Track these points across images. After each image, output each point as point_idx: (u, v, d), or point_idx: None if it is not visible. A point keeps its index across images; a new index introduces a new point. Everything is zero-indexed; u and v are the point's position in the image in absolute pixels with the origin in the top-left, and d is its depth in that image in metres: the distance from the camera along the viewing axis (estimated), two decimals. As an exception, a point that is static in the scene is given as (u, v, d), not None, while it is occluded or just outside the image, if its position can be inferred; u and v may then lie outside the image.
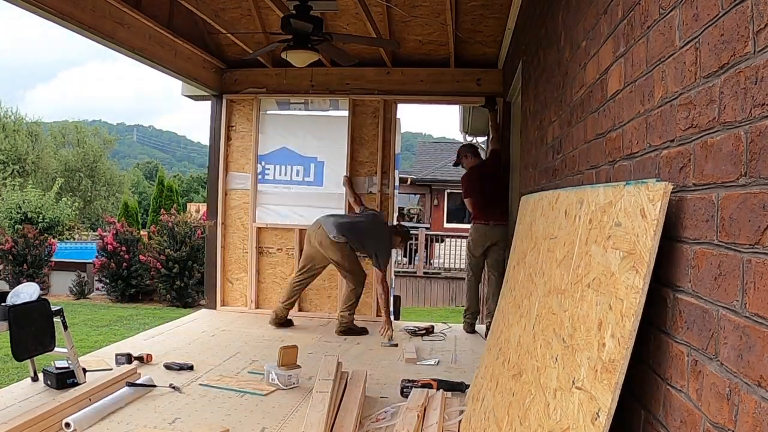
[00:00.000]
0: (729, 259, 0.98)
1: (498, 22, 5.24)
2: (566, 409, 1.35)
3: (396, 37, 5.69)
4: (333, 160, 6.06)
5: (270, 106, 6.42)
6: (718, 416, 0.98)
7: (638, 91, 1.50)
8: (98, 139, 31.62)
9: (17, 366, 5.30)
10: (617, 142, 1.69)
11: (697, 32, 1.14)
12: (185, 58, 5.48)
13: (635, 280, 1.17)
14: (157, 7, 4.77)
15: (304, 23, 4.24)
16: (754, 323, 0.89)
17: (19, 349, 2.95)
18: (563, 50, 2.59)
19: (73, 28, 3.93)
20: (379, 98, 6.06)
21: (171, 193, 16.65)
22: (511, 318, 2.44)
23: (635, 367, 1.36)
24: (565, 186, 2.39)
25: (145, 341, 4.75)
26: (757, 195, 0.90)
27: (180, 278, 10.15)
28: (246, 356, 4.34)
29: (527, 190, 3.72)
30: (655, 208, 1.16)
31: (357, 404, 3.01)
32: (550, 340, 1.65)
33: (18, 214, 13.69)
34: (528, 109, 3.97)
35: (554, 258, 1.86)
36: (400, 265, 15.00)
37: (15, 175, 23.25)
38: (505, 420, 1.90)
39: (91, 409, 2.89)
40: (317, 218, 5.37)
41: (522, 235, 2.80)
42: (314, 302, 6.18)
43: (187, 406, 3.20)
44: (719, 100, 1.04)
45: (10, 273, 10.72)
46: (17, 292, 3.16)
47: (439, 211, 21.05)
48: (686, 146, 1.19)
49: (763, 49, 0.90)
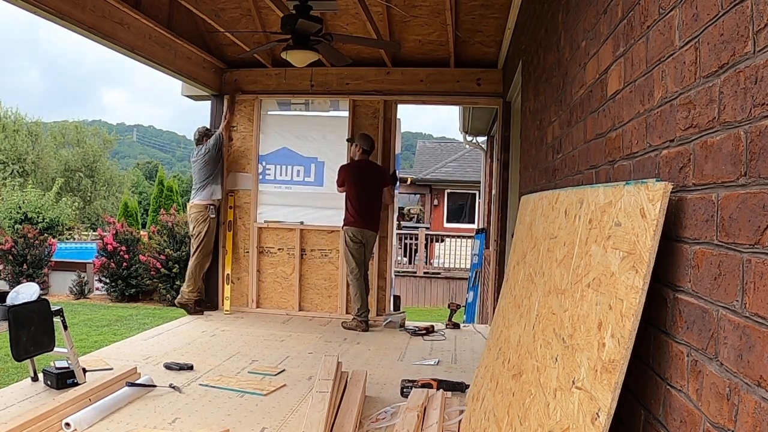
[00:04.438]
0: (729, 259, 0.98)
1: (498, 22, 5.24)
2: (566, 409, 1.35)
3: (396, 37, 5.69)
4: (333, 161, 6.07)
5: (271, 106, 6.43)
6: (718, 416, 0.98)
7: (638, 91, 1.50)
8: (98, 139, 31.57)
9: (17, 366, 5.30)
10: (617, 142, 1.69)
11: (697, 32, 1.14)
12: (185, 58, 5.48)
13: (635, 280, 1.17)
14: (157, 7, 4.77)
15: (312, 23, 4.24)
16: (754, 323, 0.89)
17: (18, 349, 2.95)
18: (563, 50, 2.59)
19: (73, 28, 3.93)
20: (379, 98, 6.06)
21: (171, 193, 16.63)
22: (511, 318, 2.44)
23: (635, 367, 1.36)
24: (565, 186, 2.39)
25: (145, 341, 4.75)
26: (757, 195, 0.90)
27: (180, 278, 10.14)
28: (246, 356, 4.34)
29: (527, 190, 3.71)
30: (654, 208, 1.16)
31: (357, 404, 3.01)
32: (550, 340, 1.65)
33: (18, 214, 13.68)
34: (528, 108, 3.97)
35: (554, 258, 1.86)
36: (400, 265, 15.01)
37: (15, 175, 23.25)
38: (505, 420, 1.90)
39: (91, 409, 2.89)
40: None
41: (522, 234, 2.80)
42: (314, 302, 6.19)
43: (187, 406, 3.20)
44: (719, 100, 1.04)
45: (10, 273, 10.71)
46: (17, 292, 3.15)
47: (439, 211, 21.04)
48: (686, 146, 1.19)
49: (763, 49, 0.90)
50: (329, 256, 6.17)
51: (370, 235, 5.59)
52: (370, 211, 5.56)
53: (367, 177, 5.58)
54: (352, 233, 5.52)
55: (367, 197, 5.54)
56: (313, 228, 6.16)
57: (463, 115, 8.98)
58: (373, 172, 5.65)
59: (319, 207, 6.10)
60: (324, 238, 6.16)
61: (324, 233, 6.15)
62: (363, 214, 5.51)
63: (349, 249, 5.54)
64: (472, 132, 10.00)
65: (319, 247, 6.16)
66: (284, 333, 5.26)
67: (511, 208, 5.21)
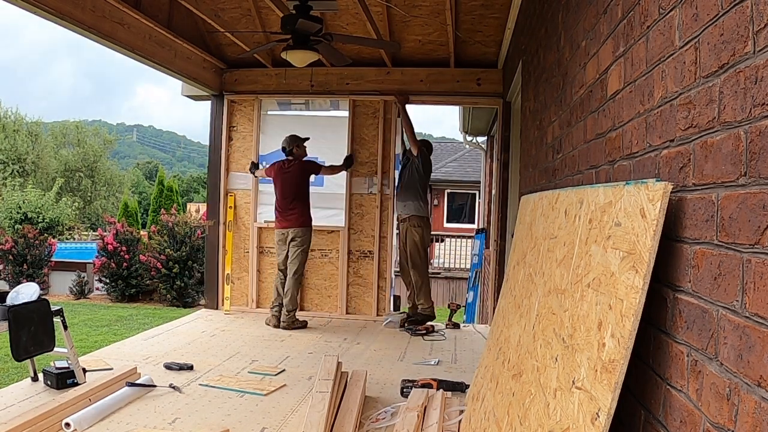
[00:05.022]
0: (729, 259, 0.98)
1: (498, 22, 5.24)
2: (566, 409, 1.35)
3: (396, 37, 5.69)
4: (334, 161, 6.07)
5: (271, 106, 6.43)
6: (718, 416, 0.98)
7: (638, 91, 1.50)
8: (98, 139, 31.56)
9: (17, 366, 5.30)
10: (617, 142, 1.68)
11: (697, 32, 1.14)
12: (185, 58, 5.48)
13: (635, 280, 1.17)
14: (157, 7, 4.77)
15: (312, 23, 4.24)
16: (754, 323, 0.89)
17: (19, 350, 2.95)
18: (563, 50, 2.59)
19: (73, 28, 3.93)
20: (379, 98, 6.06)
21: (171, 193, 16.65)
22: (511, 318, 2.44)
23: (635, 367, 1.36)
24: (565, 186, 2.39)
25: (145, 341, 4.75)
26: (756, 195, 0.90)
27: (180, 278, 10.15)
28: (246, 356, 4.34)
29: (527, 189, 3.71)
30: (654, 208, 1.16)
31: (357, 404, 3.01)
32: (550, 340, 1.65)
33: (18, 214, 13.67)
34: (528, 108, 3.97)
35: (554, 258, 1.86)
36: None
37: (15, 175, 23.22)
38: (505, 420, 1.90)
39: (91, 409, 2.89)
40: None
41: (522, 234, 2.80)
42: (314, 302, 6.19)
43: (187, 406, 3.20)
44: (719, 100, 1.04)
45: (10, 273, 10.70)
46: (17, 292, 3.15)
47: (439, 211, 21.03)
48: (686, 146, 1.19)
49: (763, 49, 0.90)
50: (329, 256, 6.17)
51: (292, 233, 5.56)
52: (288, 210, 5.56)
53: (283, 176, 5.59)
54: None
55: (282, 195, 5.56)
56: (313, 228, 6.15)
57: (463, 115, 8.98)
58: (289, 171, 5.60)
59: (319, 207, 6.10)
60: (324, 238, 6.16)
61: (324, 233, 6.15)
62: (281, 213, 5.58)
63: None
64: (472, 132, 10.01)
65: (319, 247, 6.16)
66: (284, 333, 5.26)
67: (511, 208, 5.21)
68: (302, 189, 5.59)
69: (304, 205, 5.60)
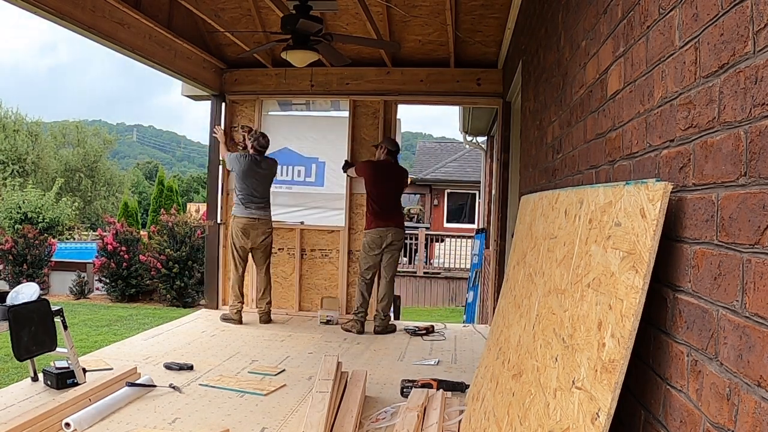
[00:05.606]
0: (729, 259, 0.98)
1: (498, 22, 5.24)
2: (566, 409, 1.35)
3: (396, 37, 5.69)
4: (334, 161, 6.07)
5: (272, 106, 6.43)
6: (718, 416, 0.98)
7: (638, 91, 1.50)
8: (98, 139, 31.56)
9: (17, 366, 5.30)
10: (617, 142, 1.69)
11: (697, 32, 1.14)
12: (185, 58, 5.48)
13: (635, 280, 1.17)
14: (157, 7, 4.77)
15: (312, 23, 4.24)
16: (754, 323, 0.89)
17: (19, 350, 2.95)
18: (563, 50, 2.59)
19: (73, 28, 3.93)
20: (379, 98, 6.06)
21: (171, 193, 16.63)
22: (511, 318, 2.44)
23: (635, 367, 1.36)
24: (565, 186, 2.39)
25: (145, 341, 4.75)
26: (756, 195, 0.90)
27: (180, 278, 10.15)
28: (246, 356, 4.34)
29: (527, 189, 3.71)
30: (654, 208, 1.16)
31: (357, 404, 3.01)
32: (550, 340, 1.65)
33: (18, 214, 13.66)
34: (528, 108, 3.97)
35: (554, 258, 1.86)
36: (400, 265, 14.99)
37: (15, 175, 23.22)
38: (505, 420, 1.90)
39: (91, 409, 2.89)
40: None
41: (522, 234, 2.80)
42: (315, 302, 6.19)
43: (187, 406, 3.20)
44: (719, 100, 1.04)
45: (10, 273, 10.70)
46: (17, 292, 3.15)
47: (439, 211, 21.05)
48: (686, 146, 1.19)
49: (763, 49, 0.90)
50: (329, 256, 6.17)
51: (393, 233, 5.44)
52: (393, 210, 5.48)
53: (390, 177, 5.50)
54: (370, 237, 5.44)
55: (387, 197, 5.45)
56: (313, 228, 6.16)
57: (463, 115, 8.98)
58: (393, 172, 5.55)
59: (319, 207, 6.10)
60: (324, 238, 6.16)
61: (324, 233, 6.15)
62: (385, 213, 5.43)
63: (364, 252, 5.49)
64: (472, 132, 10.01)
65: (320, 247, 6.17)
66: (284, 333, 5.26)
67: (511, 208, 5.21)
68: (401, 191, 5.62)
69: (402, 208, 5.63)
